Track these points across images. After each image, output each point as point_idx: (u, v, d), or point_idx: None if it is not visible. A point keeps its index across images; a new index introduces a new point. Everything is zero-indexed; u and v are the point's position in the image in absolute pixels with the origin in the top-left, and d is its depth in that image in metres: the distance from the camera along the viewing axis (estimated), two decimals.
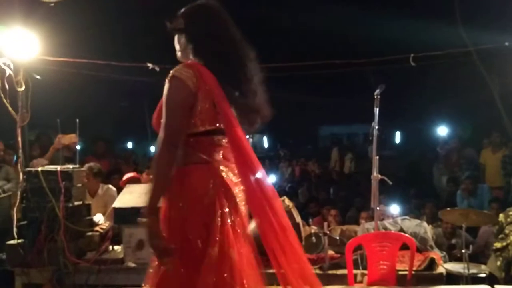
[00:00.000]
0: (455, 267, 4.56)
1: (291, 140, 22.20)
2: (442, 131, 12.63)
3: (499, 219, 4.83)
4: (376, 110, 4.20)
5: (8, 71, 4.69)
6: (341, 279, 4.05)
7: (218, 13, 2.40)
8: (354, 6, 8.85)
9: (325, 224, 4.50)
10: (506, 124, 8.28)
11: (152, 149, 15.76)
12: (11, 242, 4.27)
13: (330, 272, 4.35)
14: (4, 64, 4.67)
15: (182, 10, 2.44)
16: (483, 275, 4.53)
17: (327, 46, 9.69)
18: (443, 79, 10.63)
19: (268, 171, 12.87)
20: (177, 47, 2.47)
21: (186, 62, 2.35)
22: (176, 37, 2.47)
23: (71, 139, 5.02)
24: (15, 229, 4.53)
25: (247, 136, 2.49)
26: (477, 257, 5.20)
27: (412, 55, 5.65)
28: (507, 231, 4.69)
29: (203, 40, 2.37)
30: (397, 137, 20.07)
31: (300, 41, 10.78)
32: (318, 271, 4.38)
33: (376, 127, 4.21)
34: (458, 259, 4.74)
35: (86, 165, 5.09)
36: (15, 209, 4.67)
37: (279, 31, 10.52)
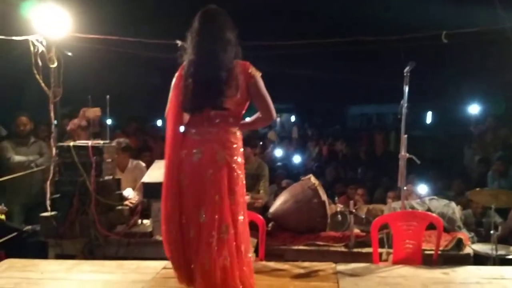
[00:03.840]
0: (483, 248, 4.52)
1: (319, 120, 22.05)
2: (474, 109, 12.32)
3: None
4: (406, 88, 4.12)
5: (41, 48, 4.78)
6: (366, 258, 4.06)
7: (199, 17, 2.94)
8: None
9: (351, 202, 4.50)
10: None
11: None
12: (45, 214, 4.41)
13: (355, 250, 4.38)
14: (37, 40, 4.76)
15: None
16: (511, 256, 4.47)
17: (357, 23, 9.52)
18: (475, 57, 10.35)
19: (295, 150, 12.86)
20: None
21: None
22: None
23: (95, 113, 5.09)
24: (48, 202, 4.69)
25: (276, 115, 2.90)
26: (506, 239, 5.13)
27: (444, 32, 5.51)
28: None
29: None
30: (428, 117, 19.75)
31: (329, 19, 10.60)
32: (343, 249, 4.41)
33: (405, 106, 4.15)
34: (487, 240, 4.68)
35: (115, 141, 5.17)
36: (48, 183, 4.83)
37: (306, 10, 10.38)
